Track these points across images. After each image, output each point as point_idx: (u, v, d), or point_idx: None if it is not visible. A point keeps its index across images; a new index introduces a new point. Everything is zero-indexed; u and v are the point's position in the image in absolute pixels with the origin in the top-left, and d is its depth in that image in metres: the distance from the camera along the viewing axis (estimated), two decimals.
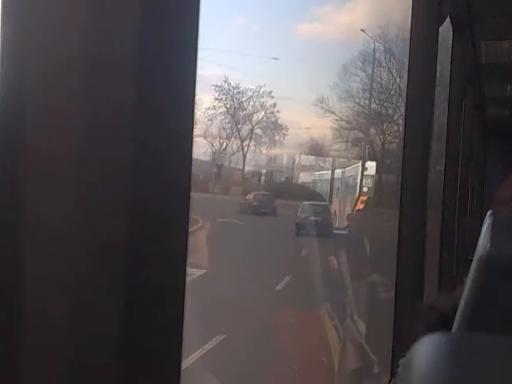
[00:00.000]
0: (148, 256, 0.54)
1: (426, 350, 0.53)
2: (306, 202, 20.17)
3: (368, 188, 21.17)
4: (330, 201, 23.20)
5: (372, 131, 23.87)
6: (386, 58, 23.08)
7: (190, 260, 0.58)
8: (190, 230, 0.59)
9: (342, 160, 25.73)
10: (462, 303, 1.02)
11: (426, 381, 0.51)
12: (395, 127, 22.44)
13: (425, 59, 2.58)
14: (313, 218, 18.62)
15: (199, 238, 13.25)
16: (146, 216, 0.54)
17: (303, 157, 28.07)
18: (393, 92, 23.05)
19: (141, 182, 0.54)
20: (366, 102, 24.24)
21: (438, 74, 2.77)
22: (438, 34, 2.70)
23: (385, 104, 23.95)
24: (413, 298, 2.29)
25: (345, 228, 17.75)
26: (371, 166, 22.23)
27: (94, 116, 0.52)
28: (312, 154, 27.83)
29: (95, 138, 0.52)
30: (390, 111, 23.56)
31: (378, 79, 23.98)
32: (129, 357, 0.54)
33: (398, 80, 22.48)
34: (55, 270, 0.52)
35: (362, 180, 21.76)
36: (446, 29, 3.96)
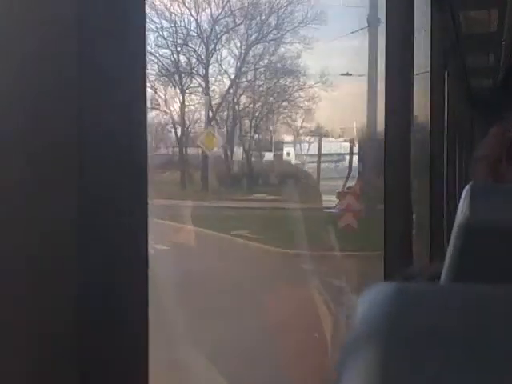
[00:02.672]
0: (100, 240, 0.53)
1: (369, 299, 0.54)
2: None
3: None
4: None
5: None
6: None
7: None
8: None
9: None
10: (444, 271, 1.02)
11: (365, 329, 0.51)
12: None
13: (401, 30, 2.58)
14: None
15: None
16: (97, 202, 0.53)
17: None
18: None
19: (92, 167, 0.53)
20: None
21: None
22: (413, 4, 2.70)
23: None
24: (401, 268, 2.31)
25: None
26: None
27: (40, 100, 0.52)
28: None
29: (43, 122, 0.52)
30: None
31: None
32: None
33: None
34: (5, 254, 0.52)
35: None
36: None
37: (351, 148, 15.39)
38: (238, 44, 15.24)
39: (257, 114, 15.64)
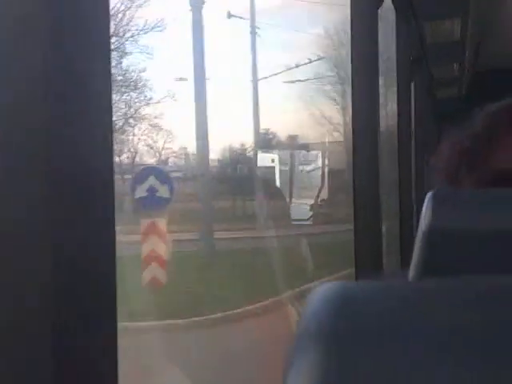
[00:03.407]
0: (73, 255, 0.55)
1: (317, 298, 0.54)
2: None
3: None
4: None
5: None
6: None
7: None
8: None
9: None
10: (409, 278, 1.03)
11: (311, 328, 0.52)
12: None
13: (366, 42, 2.61)
14: None
15: None
16: (67, 214, 0.55)
17: None
18: None
19: (60, 184, 0.54)
20: None
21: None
22: (377, 15, 2.72)
23: None
24: (372, 274, 2.32)
25: None
26: None
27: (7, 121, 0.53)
28: None
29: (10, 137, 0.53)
30: None
31: None
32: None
33: None
34: None
35: None
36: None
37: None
38: None
39: None
